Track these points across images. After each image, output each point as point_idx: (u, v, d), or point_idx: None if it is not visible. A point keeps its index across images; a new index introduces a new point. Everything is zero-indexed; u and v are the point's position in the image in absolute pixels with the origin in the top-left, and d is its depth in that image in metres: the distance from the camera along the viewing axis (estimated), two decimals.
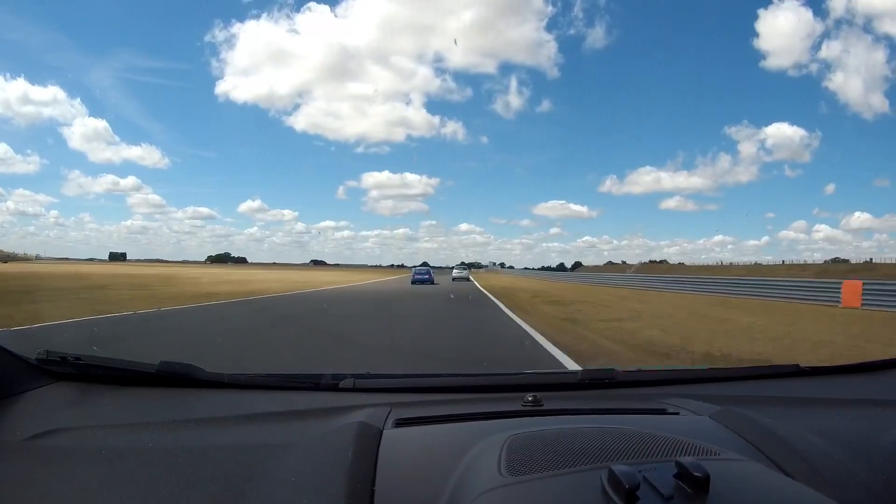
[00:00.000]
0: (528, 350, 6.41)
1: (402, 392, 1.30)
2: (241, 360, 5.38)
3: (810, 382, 1.43)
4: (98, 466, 0.87)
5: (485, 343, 7.15)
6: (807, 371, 1.43)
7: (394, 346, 6.57)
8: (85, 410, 1.11)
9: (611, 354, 6.00)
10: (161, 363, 1.23)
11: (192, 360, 1.27)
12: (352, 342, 7.02)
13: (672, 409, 1.12)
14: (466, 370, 1.66)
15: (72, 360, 1.19)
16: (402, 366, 5.22)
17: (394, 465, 0.84)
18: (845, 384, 1.44)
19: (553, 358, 5.76)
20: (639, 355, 5.98)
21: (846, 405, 1.22)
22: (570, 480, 0.70)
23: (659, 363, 5.46)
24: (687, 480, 0.65)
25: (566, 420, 1.05)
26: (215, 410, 1.17)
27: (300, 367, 4.89)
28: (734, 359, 5.73)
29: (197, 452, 0.91)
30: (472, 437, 0.89)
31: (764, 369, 1.50)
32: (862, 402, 1.26)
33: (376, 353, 6.09)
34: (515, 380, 1.39)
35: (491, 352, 6.35)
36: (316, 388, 1.29)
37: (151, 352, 5.76)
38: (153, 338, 7.09)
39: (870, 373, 1.47)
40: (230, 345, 6.53)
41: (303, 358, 5.64)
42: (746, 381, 1.45)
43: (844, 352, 6.33)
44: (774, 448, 0.88)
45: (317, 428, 0.99)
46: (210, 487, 0.81)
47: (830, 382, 1.45)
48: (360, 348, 6.51)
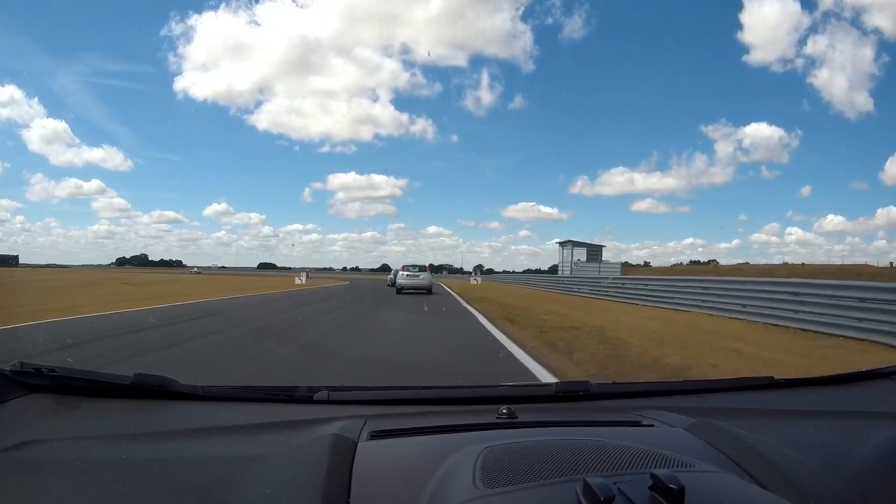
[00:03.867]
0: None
1: (376, 404, 1.30)
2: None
3: (785, 394, 1.45)
4: (72, 478, 0.86)
5: None
6: (781, 383, 1.45)
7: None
8: (59, 422, 1.10)
9: None
10: (136, 375, 1.23)
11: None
12: None
13: (647, 422, 1.13)
14: (441, 382, 1.66)
15: (46, 372, 1.18)
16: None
17: (368, 478, 0.83)
18: (820, 396, 1.46)
19: None
20: None
21: (821, 417, 1.24)
22: (544, 492, 0.70)
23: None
24: (662, 493, 0.65)
25: (541, 432, 1.05)
26: (190, 422, 1.16)
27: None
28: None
29: (171, 464, 0.91)
30: (447, 449, 0.89)
31: (739, 381, 1.52)
32: (836, 413, 1.28)
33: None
34: (490, 392, 1.40)
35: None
36: (290, 401, 1.29)
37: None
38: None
39: (844, 384, 1.49)
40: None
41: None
42: (721, 393, 1.47)
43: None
44: (749, 460, 0.89)
45: (291, 440, 0.98)
46: (185, 499, 0.80)
47: (805, 394, 1.48)
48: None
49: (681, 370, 5.54)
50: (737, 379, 1.52)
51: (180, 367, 5.29)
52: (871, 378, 1.48)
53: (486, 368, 5.82)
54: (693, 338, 8.22)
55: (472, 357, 6.66)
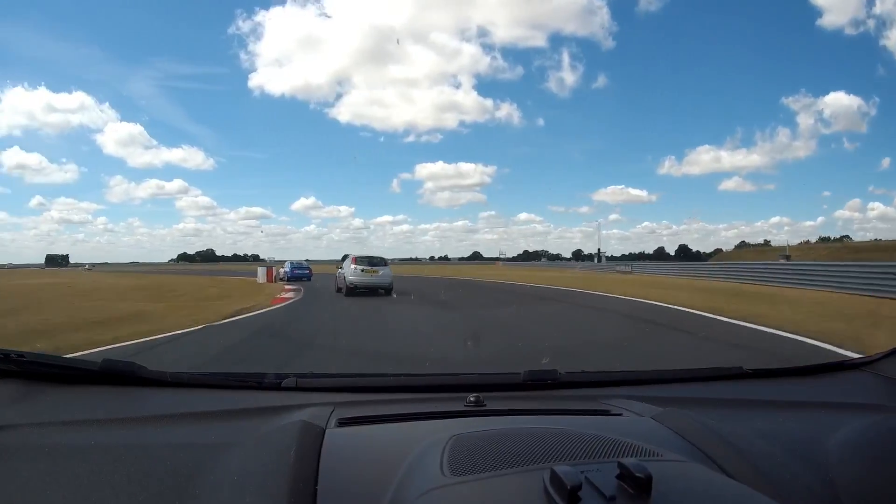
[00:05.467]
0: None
1: (344, 392, 1.30)
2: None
3: (754, 385, 1.48)
4: (40, 464, 0.85)
5: None
6: (750, 373, 1.47)
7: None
8: (27, 408, 1.09)
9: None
10: (104, 361, 1.22)
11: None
12: None
13: (615, 411, 1.14)
14: (410, 370, 1.67)
15: (14, 357, 1.17)
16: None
17: (336, 465, 0.82)
18: (789, 387, 1.49)
19: None
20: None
21: (789, 407, 1.26)
22: (512, 480, 0.70)
23: None
24: (629, 481, 0.65)
25: (509, 420, 1.06)
26: (158, 409, 1.16)
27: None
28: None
29: (139, 451, 0.90)
30: (415, 437, 0.89)
31: (708, 371, 1.54)
32: (805, 404, 1.30)
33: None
34: (458, 380, 1.40)
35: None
36: (259, 388, 1.28)
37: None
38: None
39: (813, 375, 1.52)
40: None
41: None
42: (690, 382, 1.48)
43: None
44: (717, 449, 0.90)
45: (259, 427, 0.98)
46: (152, 486, 0.80)
47: (774, 385, 1.50)
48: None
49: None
50: (706, 369, 1.54)
51: None
52: (839, 370, 1.51)
53: None
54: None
55: None
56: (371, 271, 16.25)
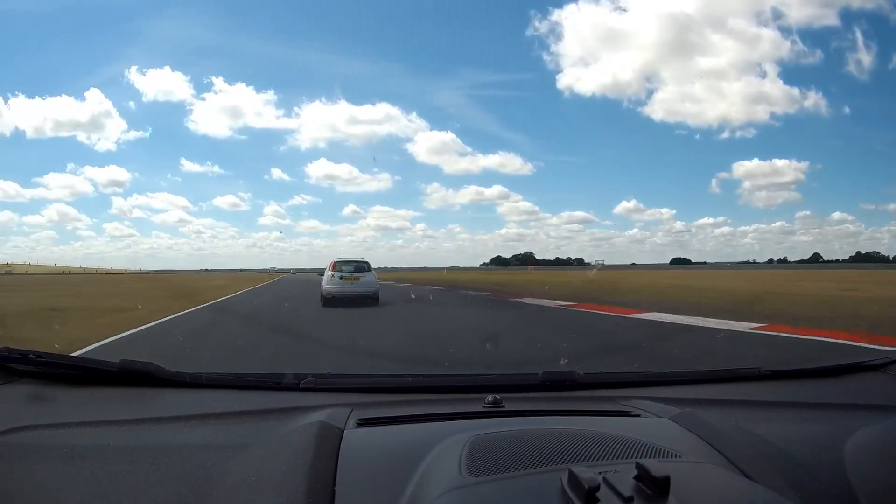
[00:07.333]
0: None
1: (363, 392, 1.30)
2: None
3: (772, 386, 1.46)
4: (59, 465, 0.86)
5: None
6: (768, 374, 1.46)
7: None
8: (46, 408, 1.10)
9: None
10: (122, 361, 1.23)
11: None
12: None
13: (633, 412, 1.13)
14: (428, 370, 1.66)
15: (33, 357, 1.18)
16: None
17: (354, 466, 0.83)
18: (806, 388, 1.47)
19: None
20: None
21: (807, 409, 1.25)
22: (530, 481, 0.70)
23: None
24: (647, 482, 0.65)
25: (527, 421, 1.05)
26: (176, 409, 1.16)
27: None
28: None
29: (157, 451, 0.91)
30: (434, 437, 0.89)
31: (725, 372, 1.52)
32: (823, 405, 1.28)
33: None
34: (476, 381, 1.39)
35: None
36: (277, 388, 1.28)
37: None
38: None
39: (830, 377, 1.50)
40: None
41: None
42: (708, 384, 1.47)
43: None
44: (735, 451, 0.89)
45: (277, 427, 0.98)
46: (170, 486, 0.80)
47: (792, 386, 1.48)
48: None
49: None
50: (723, 370, 1.53)
51: None
52: (857, 370, 1.49)
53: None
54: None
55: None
56: (351, 278, 13.81)
